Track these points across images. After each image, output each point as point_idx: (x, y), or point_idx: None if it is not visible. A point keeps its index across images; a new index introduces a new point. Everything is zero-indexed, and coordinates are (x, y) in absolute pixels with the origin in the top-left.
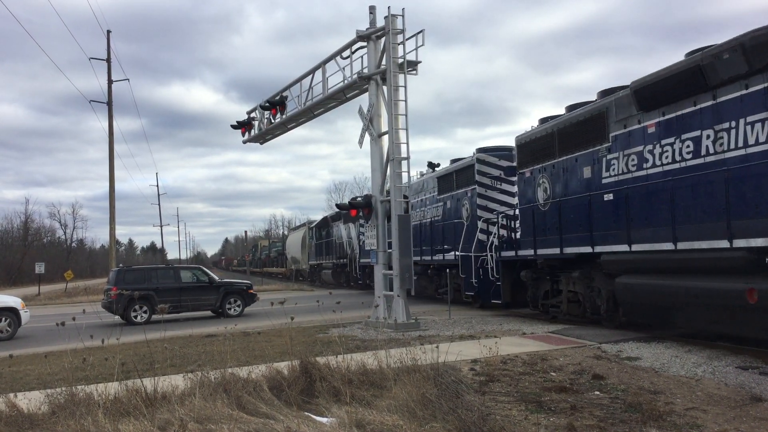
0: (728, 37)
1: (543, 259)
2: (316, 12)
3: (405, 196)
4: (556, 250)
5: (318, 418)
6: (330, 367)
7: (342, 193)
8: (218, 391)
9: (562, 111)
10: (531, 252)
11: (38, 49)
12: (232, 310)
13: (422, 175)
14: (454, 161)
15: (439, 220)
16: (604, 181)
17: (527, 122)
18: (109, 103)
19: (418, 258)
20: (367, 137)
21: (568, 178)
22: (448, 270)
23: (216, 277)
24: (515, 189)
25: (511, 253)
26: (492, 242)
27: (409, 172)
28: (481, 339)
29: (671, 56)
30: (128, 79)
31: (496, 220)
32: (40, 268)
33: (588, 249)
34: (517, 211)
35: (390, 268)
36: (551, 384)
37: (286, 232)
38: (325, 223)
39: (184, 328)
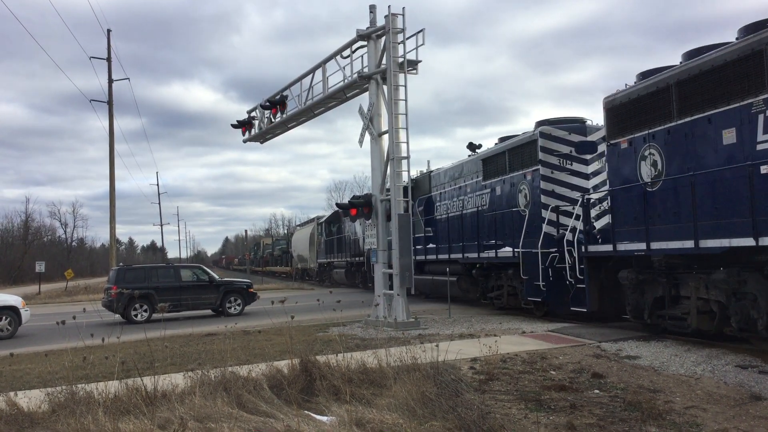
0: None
1: (660, 256)
2: (315, 11)
3: (405, 195)
4: (686, 244)
5: (318, 417)
6: (330, 366)
7: (342, 192)
8: (218, 390)
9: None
10: (641, 246)
11: (36, 49)
12: (233, 308)
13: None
14: (503, 139)
15: (485, 210)
16: (760, 147)
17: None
18: (110, 102)
19: (459, 255)
20: (367, 136)
21: (696, 146)
22: (508, 270)
23: (216, 276)
24: (590, 169)
25: (606, 248)
26: (564, 235)
27: (409, 171)
28: (480, 338)
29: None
30: (128, 78)
31: (571, 207)
32: (40, 266)
33: (747, 241)
34: (594, 195)
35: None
36: (551, 383)
37: (285, 231)
38: (337, 218)
39: (184, 326)
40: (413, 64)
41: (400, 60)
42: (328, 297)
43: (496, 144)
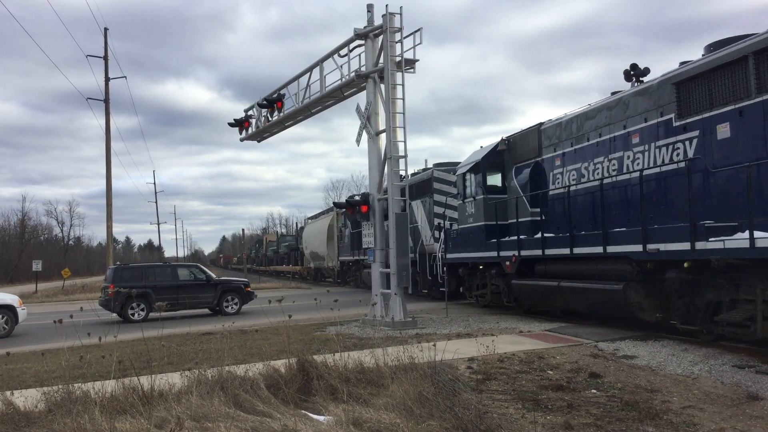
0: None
1: None
2: (310, 10)
3: (402, 194)
4: None
5: (315, 417)
6: (327, 365)
7: (340, 191)
8: (215, 389)
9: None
10: None
11: (31, 47)
12: (230, 308)
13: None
14: (683, 63)
15: (700, 167)
16: None
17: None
18: (106, 101)
19: (628, 247)
20: (364, 135)
21: None
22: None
23: (213, 275)
24: None
25: None
26: None
27: (407, 170)
28: (478, 337)
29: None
30: (125, 77)
31: None
32: (37, 265)
33: None
34: None
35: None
36: (548, 382)
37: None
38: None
39: (181, 325)
40: (411, 63)
41: (398, 59)
42: (326, 296)
43: (674, 70)
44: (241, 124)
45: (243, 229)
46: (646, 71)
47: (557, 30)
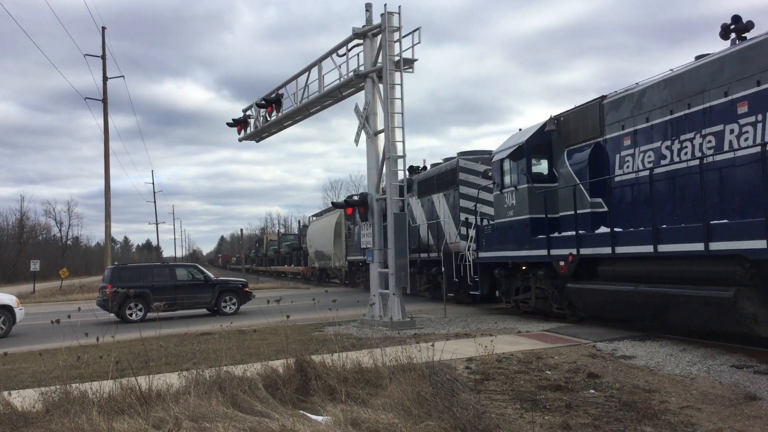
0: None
1: None
2: (307, 10)
3: (401, 194)
4: None
5: (313, 417)
6: (325, 366)
7: (338, 191)
8: (213, 390)
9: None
10: None
11: (28, 47)
12: (228, 308)
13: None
14: None
15: None
16: None
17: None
18: (105, 101)
19: (730, 245)
20: (363, 135)
21: None
22: None
23: (211, 275)
24: None
25: None
26: None
27: (405, 170)
28: (476, 337)
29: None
30: (123, 76)
31: None
32: (35, 265)
33: None
34: None
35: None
36: (546, 382)
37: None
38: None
39: (179, 326)
40: (409, 63)
41: (396, 58)
42: (324, 296)
43: None
44: (239, 124)
45: (241, 229)
46: (750, 25)
47: (555, 30)
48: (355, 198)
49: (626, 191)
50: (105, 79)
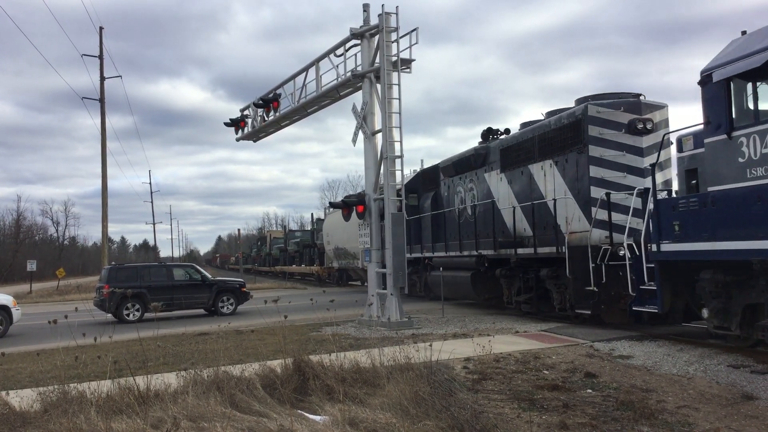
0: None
1: None
2: (302, 10)
3: (398, 194)
4: None
5: (311, 416)
6: (323, 366)
7: (336, 191)
8: (211, 390)
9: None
10: None
11: (23, 46)
12: (225, 308)
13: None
14: None
15: None
16: None
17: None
18: (102, 100)
19: None
20: (360, 135)
21: None
22: None
23: (209, 275)
24: None
25: None
26: None
27: (402, 170)
28: (474, 337)
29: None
30: (120, 76)
31: None
32: (31, 265)
33: None
34: None
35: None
36: (544, 382)
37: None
38: (432, 179)
39: (176, 326)
40: (407, 63)
41: (394, 59)
42: (322, 297)
43: None
44: (237, 123)
45: (239, 230)
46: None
47: (550, 31)
48: (353, 198)
49: None
50: (102, 79)
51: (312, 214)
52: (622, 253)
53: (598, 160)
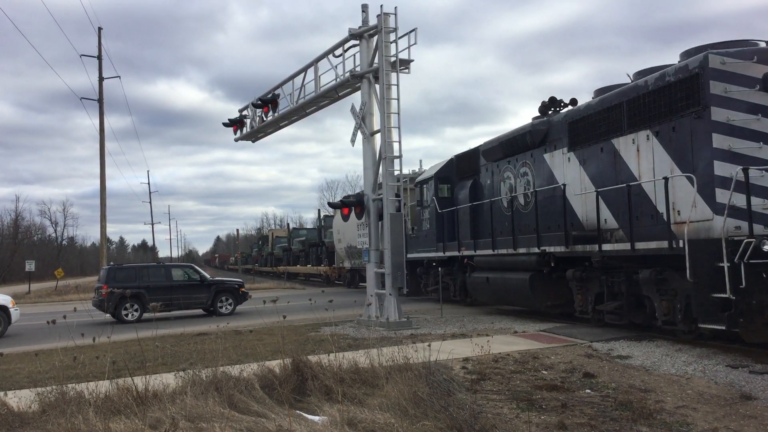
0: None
1: None
2: (300, 11)
3: (397, 195)
4: None
5: (310, 417)
6: (322, 366)
7: (334, 191)
8: (210, 390)
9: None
10: None
11: (21, 47)
12: (224, 308)
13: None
14: None
15: None
16: None
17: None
18: (100, 101)
19: None
20: (359, 136)
21: None
22: None
23: (207, 276)
24: None
25: None
26: None
27: (401, 170)
28: (472, 337)
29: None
30: (119, 77)
31: None
32: (30, 265)
33: None
34: None
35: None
36: (542, 382)
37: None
38: (470, 166)
39: (175, 326)
40: (405, 63)
41: (392, 59)
42: (320, 297)
43: None
44: (235, 124)
45: (237, 230)
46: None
47: (547, 31)
48: (352, 198)
49: None
50: (101, 79)
51: (318, 210)
52: (766, 248)
53: (724, 126)
